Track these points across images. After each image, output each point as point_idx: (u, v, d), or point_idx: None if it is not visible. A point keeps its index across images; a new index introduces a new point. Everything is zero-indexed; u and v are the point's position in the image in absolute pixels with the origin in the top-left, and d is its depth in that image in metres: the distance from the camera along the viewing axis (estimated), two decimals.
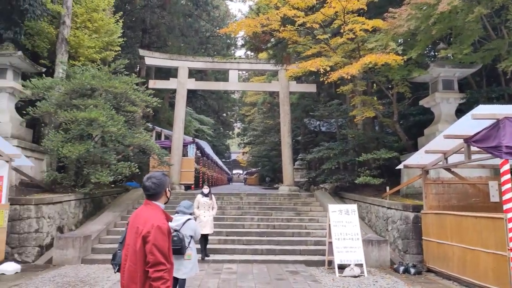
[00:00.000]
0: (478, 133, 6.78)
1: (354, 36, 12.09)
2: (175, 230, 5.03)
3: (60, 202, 10.81)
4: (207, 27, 31.04)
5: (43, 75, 12.39)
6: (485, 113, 6.51)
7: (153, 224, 2.83)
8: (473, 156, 7.43)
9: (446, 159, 8.37)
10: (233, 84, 19.76)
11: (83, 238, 9.66)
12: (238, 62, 19.42)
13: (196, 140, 22.99)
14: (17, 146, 10.57)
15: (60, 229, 10.71)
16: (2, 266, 8.35)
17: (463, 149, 7.49)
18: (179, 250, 4.91)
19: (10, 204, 9.28)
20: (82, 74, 12.41)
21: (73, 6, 13.98)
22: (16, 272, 8.35)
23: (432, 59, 14.46)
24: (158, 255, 2.77)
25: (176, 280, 5.36)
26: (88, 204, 12.56)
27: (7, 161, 9.23)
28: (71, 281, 7.74)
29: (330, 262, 9.22)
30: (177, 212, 5.78)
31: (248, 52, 27.11)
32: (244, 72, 35.06)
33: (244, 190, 20.92)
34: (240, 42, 31.60)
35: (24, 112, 11.74)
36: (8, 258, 9.09)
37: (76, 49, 14.20)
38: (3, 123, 10.99)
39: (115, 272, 3.63)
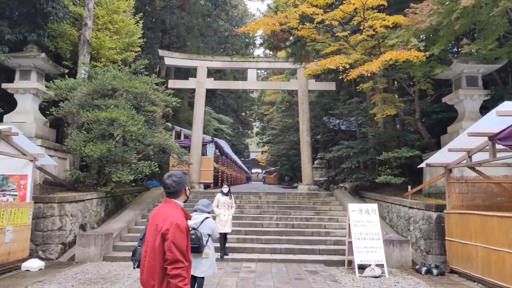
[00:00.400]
0: (504, 130, 6.58)
1: (374, 33, 11.92)
2: (193, 228, 5.05)
3: (83, 200, 11.01)
4: (225, 26, 31.15)
5: (66, 76, 12.65)
6: (511, 110, 6.31)
7: (172, 222, 2.85)
8: (498, 154, 7.22)
9: (470, 157, 8.17)
10: (252, 83, 19.75)
11: (105, 236, 9.82)
12: (257, 61, 19.40)
13: (215, 139, 23.11)
14: (41, 145, 10.82)
15: (82, 227, 10.92)
16: (27, 263, 8.57)
17: (487, 147, 7.30)
18: (196, 248, 4.93)
19: (34, 203, 9.49)
20: (103, 74, 12.62)
21: (94, 8, 14.20)
22: (40, 269, 8.55)
23: (455, 55, 14.13)
24: (176, 253, 2.78)
25: (194, 278, 5.38)
26: (109, 203, 12.77)
27: (31, 160, 9.44)
28: (92, 278, 7.87)
29: (350, 262, 9.11)
30: (195, 211, 5.80)
31: (267, 51, 27.05)
32: (262, 71, 35.06)
33: (263, 189, 20.93)
34: (258, 41, 31.54)
35: (48, 112, 12.01)
36: (32, 255, 9.32)
37: (98, 50, 14.44)
38: (27, 123, 11.25)
39: (134, 268, 3.69)
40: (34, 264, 8.57)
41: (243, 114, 46.26)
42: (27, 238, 9.02)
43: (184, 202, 3.19)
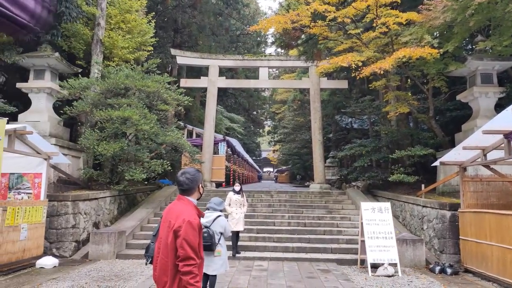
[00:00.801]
0: None
1: (387, 30, 11.79)
2: (205, 227, 5.06)
3: (96, 198, 11.12)
4: (237, 25, 31.12)
5: (79, 75, 12.76)
6: None
7: (184, 219, 2.85)
8: None
9: (485, 155, 8.05)
10: (264, 82, 19.72)
11: (118, 233, 9.90)
12: (268, 60, 19.36)
13: (227, 138, 23.15)
14: (55, 144, 10.94)
15: (96, 225, 11.03)
16: (41, 260, 8.68)
17: (503, 145, 7.18)
18: (209, 246, 4.94)
19: (49, 201, 9.62)
20: (116, 74, 12.71)
21: (107, 7, 14.32)
22: (54, 266, 8.66)
23: (470, 52, 13.90)
24: (188, 250, 2.78)
25: (206, 276, 5.39)
26: (122, 201, 12.88)
27: (45, 159, 9.57)
28: (106, 275, 7.94)
29: (363, 261, 9.05)
30: (207, 209, 5.80)
31: (279, 49, 27.03)
32: (274, 69, 34.95)
33: (275, 188, 20.90)
34: (270, 39, 31.41)
35: (62, 111, 12.15)
36: (47, 252, 9.45)
37: (111, 50, 14.56)
38: (41, 122, 11.40)
39: (146, 264, 3.72)
40: (49, 261, 8.68)
41: (255, 113, 46.23)
42: (41, 235, 9.14)
43: (197, 199, 3.19)
